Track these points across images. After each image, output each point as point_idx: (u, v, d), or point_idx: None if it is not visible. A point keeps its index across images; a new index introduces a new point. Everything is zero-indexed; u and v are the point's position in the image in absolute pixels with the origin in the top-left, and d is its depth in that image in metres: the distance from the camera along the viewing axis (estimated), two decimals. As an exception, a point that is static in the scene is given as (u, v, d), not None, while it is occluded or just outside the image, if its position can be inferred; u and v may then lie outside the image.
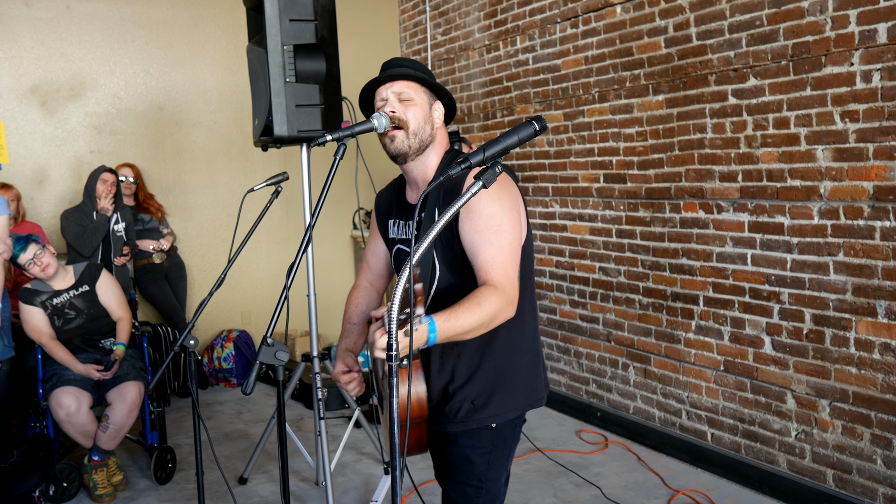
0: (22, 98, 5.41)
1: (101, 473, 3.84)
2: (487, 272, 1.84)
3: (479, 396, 2.00)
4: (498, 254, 1.84)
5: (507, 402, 2.02)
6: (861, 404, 3.28)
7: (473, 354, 2.00)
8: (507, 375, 2.01)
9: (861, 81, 3.17)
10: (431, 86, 2.04)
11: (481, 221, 1.87)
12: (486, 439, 2.02)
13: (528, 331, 2.06)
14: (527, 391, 2.06)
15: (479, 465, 2.03)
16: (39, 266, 3.94)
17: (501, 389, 2.01)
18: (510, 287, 1.83)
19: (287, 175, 3.18)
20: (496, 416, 2.01)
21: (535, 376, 2.09)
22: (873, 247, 3.18)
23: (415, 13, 6.46)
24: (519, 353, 2.03)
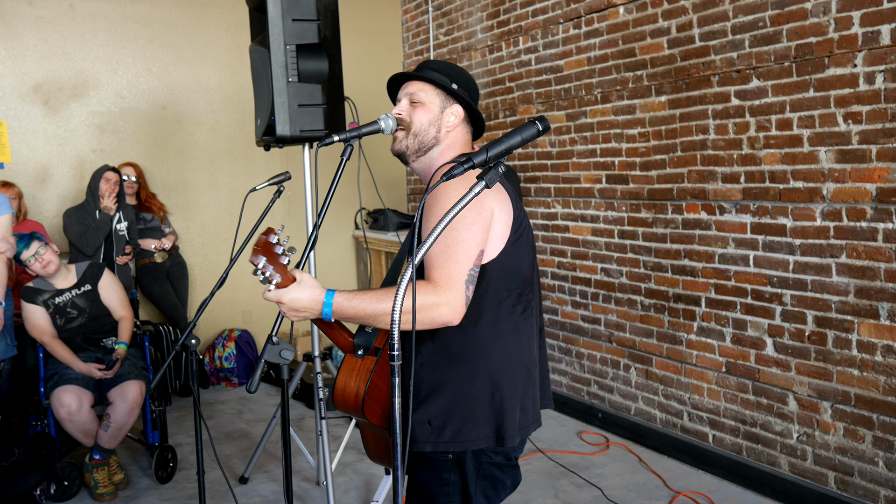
0: (25, 97, 5.41)
1: (102, 472, 3.84)
2: (428, 271, 1.75)
3: (436, 417, 1.85)
4: (441, 254, 1.74)
5: (464, 431, 1.84)
6: (863, 406, 3.27)
7: (434, 368, 1.86)
8: (466, 399, 1.84)
9: (864, 83, 3.17)
10: (448, 89, 2.00)
11: (433, 217, 1.79)
12: (443, 470, 1.87)
13: (495, 355, 1.85)
14: (489, 424, 1.85)
15: (439, 496, 1.89)
16: (41, 263, 3.94)
17: (458, 414, 1.84)
18: (448, 288, 1.71)
19: (289, 175, 3.18)
20: (452, 442, 1.84)
21: (503, 410, 1.85)
22: (876, 249, 3.18)
23: (417, 13, 6.46)
24: (480, 377, 1.84)
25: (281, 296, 1.70)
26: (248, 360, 5.90)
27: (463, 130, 2.04)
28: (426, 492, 1.92)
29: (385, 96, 7.31)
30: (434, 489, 1.90)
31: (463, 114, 2.02)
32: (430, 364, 1.87)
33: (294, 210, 6.30)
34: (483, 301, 1.83)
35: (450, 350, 1.84)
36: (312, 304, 1.71)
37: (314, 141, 3.65)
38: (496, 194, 1.84)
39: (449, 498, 1.89)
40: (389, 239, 5.75)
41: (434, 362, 1.86)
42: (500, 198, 1.85)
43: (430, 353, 1.86)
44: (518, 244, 1.87)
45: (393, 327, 1.48)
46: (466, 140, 2.05)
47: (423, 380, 1.87)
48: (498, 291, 1.85)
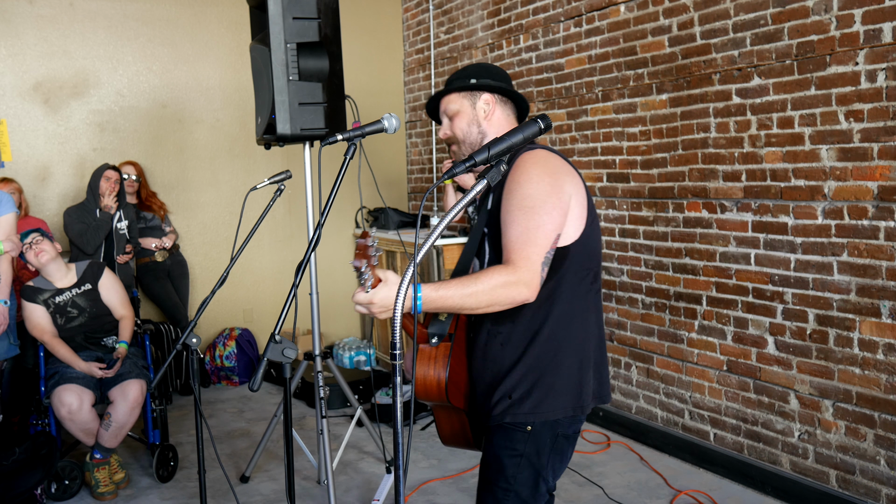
0: (25, 95, 5.41)
1: (103, 471, 3.84)
2: (507, 252, 1.82)
3: (516, 390, 1.95)
4: (522, 235, 1.81)
5: (545, 402, 1.95)
6: (864, 405, 3.27)
7: (516, 346, 1.95)
8: (547, 373, 1.95)
9: (866, 81, 3.16)
10: (469, 87, 2.07)
11: (515, 201, 1.85)
12: (518, 441, 1.97)
13: (575, 329, 1.97)
14: (570, 394, 1.97)
15: (509, 467, 1.98)
16: (34, 251, 3.94)
17: (540, 387, 1.94)
18: (526, 269, 1.78)
19: (290, 173, 3.18)
20: (531, 413, 1.94)
21: (582, 381, 1.98)
22: (877, 247, 3.17)
23: (418, 11, 6.46)
24: (563, 351, 1.95)
25: (372, 297, 1.71)
26: (249, 359, 5.90)
27: (502, 112, 2.10)
28: (496, 461, 2.00)
29: (385, 95, 7.34)
30: (505, 459, 1.98)
31: (493, 98, 2.08)
32: (512, 342, 1.95)
33: (294, 209, 6.29)
34: (565, 280, 1.93)
35: (532, 328, 1.92)
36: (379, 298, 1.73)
37: (315, 139, 3.65)
38: (572, 179, 1.92)
39: (519, 469, 1.97)
40: (390, 237, 5.75)
41: (516, 340, 1.95)
42: (574, 182, 1.93)
43: (511, 332, 1.94)
44: (593, 226, 1.98)
45: (395, 328, 1.48)
46: (510, 119, 2.11)
47: (504, 357, 1.96)
48: (578, 271, 1.95)
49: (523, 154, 1.93)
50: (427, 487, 3.88)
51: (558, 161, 1.94)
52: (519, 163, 1.91)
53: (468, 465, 4.14)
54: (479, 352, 2.02)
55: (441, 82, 6.21)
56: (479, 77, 2.09)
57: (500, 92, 2.08)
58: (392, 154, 6.74)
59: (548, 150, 1.96)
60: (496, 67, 2.15)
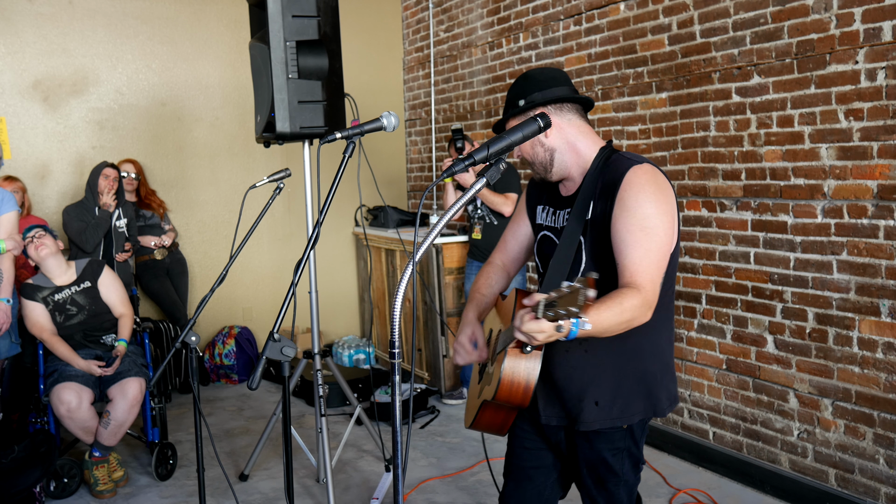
0: (24, 93, 5.40)
1: (102, 469, 3.84)
2: (633, 274, 1.83)
3: (602, 397, 2.00)
4: (646, 257, 1.83)
5: (632, 406, 2.02)
6: (864, 404, 3.27)
7: (601, 353, 1.98)
8: (633, 378, 2.01)
9: (866, 79, 3.16)
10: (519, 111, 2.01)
11: (635, 221, 1.85)
12: (618, 439, 2.05)
13: (659, 339, 2.04)
14: (651, 398, 2.04)
15: (615, 464, 2.07)
16: (35, 245, 3.94)
17: (625, 393, 2.01)
18: (651, 291, 1.82)
19: (289, 171, 3.18)
20: (620, 418, 2.01)
21: (661, 385, 2.05)
22: (877, 246, 3.17)
23: (417, 10, 6.45)
24: (647, 359, 2.02)
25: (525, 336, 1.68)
26: (248, 357, 5.90)
27: (561, 120, 2.01)
28: (602, 462, 2.07)
29: (385, 93, 7.32)
30: (610, 458, 2.06)
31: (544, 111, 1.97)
32: (597, 349, 1.98)
33: (294, 207, 6.29)
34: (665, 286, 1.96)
35: (619, 337, 1.89)
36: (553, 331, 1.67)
37: (314, 138, 3.64)
38: (672, 194, 1.94)
39: (623, 463, 2.07)
40: (389, 236, 5.75)
41: (600, 347, 1.97)
42: (673, 198, 1.95)
43: (597, 340, 1.93)
44: (679, 242, 2.01)
45: (394, 326, 1.48)
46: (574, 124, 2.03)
47: (588, 365, 2.00)
48: (668, 283, 1.99)
49: (634, 168, 1.90)
50: (426, 486, 3.88)
51: (664, 177, 1.94)
52: (632, 178, 1.89)
53: (467, 463, 4.14)
54: (560, 358, 2.02)
55: (441, 80, 6.21)
56: (526, 94, 2.02)
57: (550, 102, 2.01)
58: (391, 152, 6.74)
59: (650, 163, 1.95)
60: (543, 73, 2.06)
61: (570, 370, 2.01)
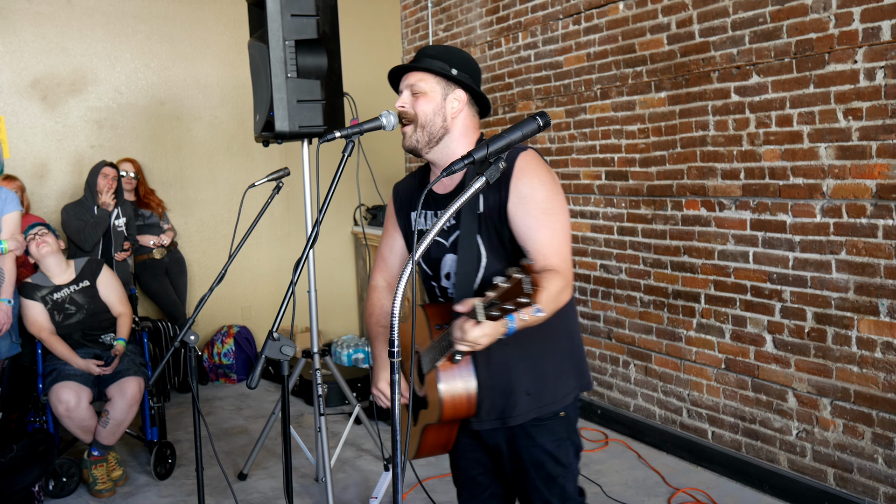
0: (23, 92, 5.40)
1: (100, 468, 3.83)
2: (546, 257, 1.83)
3: (532, 386, 1.99)
4: (554, 238, 1.86)
5: (561, 388, 2.02)
6: (862, 403, 3.27)
7: (521, 343, 1.95)
8: (555, 361, 2.02)
9: (864, 79, 3.16)
10: (448, 76, 1.97)
11: (535, 206, 1.87)
12: (560, 429, 2.04)
13: (570, 315, 2.07)
14: (575, 374, 2.07)
15: (562, 455, 2.06)
16: (37, 243, 3.95)
17: (552, 375, 2.01)
18: (567, 270, 1.85)
19: (288, 171, 3.17)
20: (555, 402, 2.01)
21: (581, 359, 2.10)
22: (876, 245, 3.17)
23: (416, 9, 6.45)
24: (564, 337, 2.05)
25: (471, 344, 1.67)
26: (247, 357, 5.89)
27: (469, 114, 2.04)
28: (548, 455, 2.04)
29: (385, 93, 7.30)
30: (555, 450, 2.04)
31: (466, 98, 2.02)
32: (518, 340, 1.89)
33: (293, 206, 6.29)
34: None
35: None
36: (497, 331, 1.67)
37: (313, 137, 3.64)
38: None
39: (567, 452, 2.06)
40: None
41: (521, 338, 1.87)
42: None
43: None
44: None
45: (393, 326, 1.47)
46: (475, 123, 2.07)
47: (510, 357, 1.97)
48: None
49: (521, 155, 1.92)
50: (425, 485, 3.88)
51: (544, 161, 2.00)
52: (523, 166, 1.90)
53: (466, 462, 4.13)
54: (481, 359, 1.95)
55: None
56: (462, 69, 1.99)
57: (474, 93, 2.02)
58: (390, 151, 6.73)
59: (532, 148, 2.00)
60: (474, 63, 2.06)
61: (495, 367, 1.97)
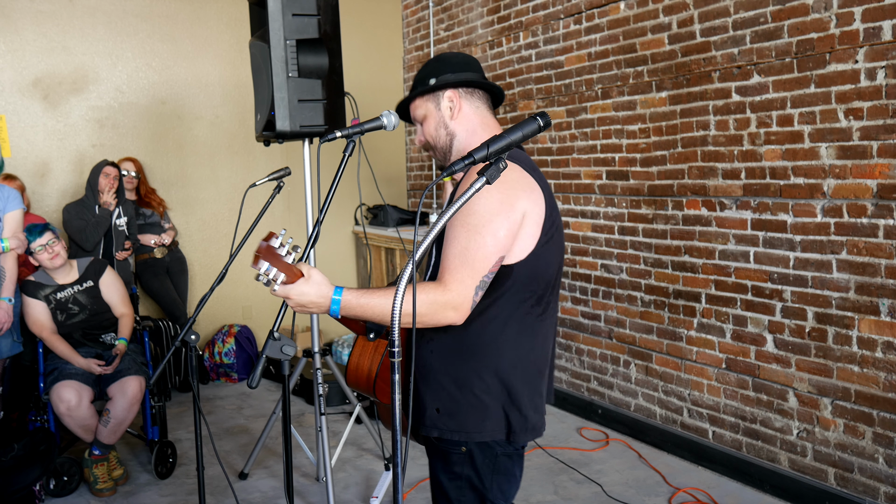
0: (24, 91, 5.40)
1: (101, 468, 3.84)
2: (442, 270, 1.74)
3: (442, 403, 1.86)
4: (460, 255, 1.72)
5: (471, 421, 1.84)
6: (863, 403, 3.27)
7: (443, 357, 1.85)
8: (472, 392, 1.84)
9: (865, 79, 3.16)
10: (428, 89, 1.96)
11: (460, 216, 1.75)
12: (456, 463, 1.87)
13: (505, 353, 1.84)
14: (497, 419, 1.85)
15: (451, 490, 1.89)
16: (49, 254, 3.95)
17: (465, 405, 1.83)
18: (457, 293, 1.70)
19: (289, 170, 3.18)
20: (459, 432, 1.84)
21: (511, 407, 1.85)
22: (876, 245, 3.17)
23: (417, 8, 6.45)
24: (490, 373, 1.83)
25: (288, 291, 1.69)
26: (248, 356, 5.90)
27: (469, 105, 1.98)
28: (437, 485, 1.92)
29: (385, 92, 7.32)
30: (445, 482, 1.90)
31: (455, 94, 1.96)
32: (441, 352, 1.86)
33: (294, 205, 6.29)
34: (502, 300, 1.81)
35: (462, 343, 1.82)
36: (320, 300, 1.71)
37: (314, 136, 3.64)
38: (529, 194, 1.78)
39: (461, 493, 1.88)
40: (389, 235, 5.74)
41: (444, 351, 1.85)
42: (532, 198, 1.79)
43: (443, 341, 1.85)
44: (548, 246, 1.83)
45: (393, 324, 1.48)
46: (481, 117, 1.98)
47: (432, 366, 1.87)
48: (518, 292, 1.82)
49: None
50: (426, 485, 3.88)
51: (515, 174, 1.79)
52: (471, 173, 1.79)
53: (467, 462, 4.14)
54: (415, 357, 1.90)
55: (441, 79, 6.20)
56: (438, 74, 1.96)
57: (462, 85, 1.95)
58: (391, 151, 6.73)
59: (510, 159, 1.80)
60: (457, 56, 2.01)
61: (420, 369, 1.90)
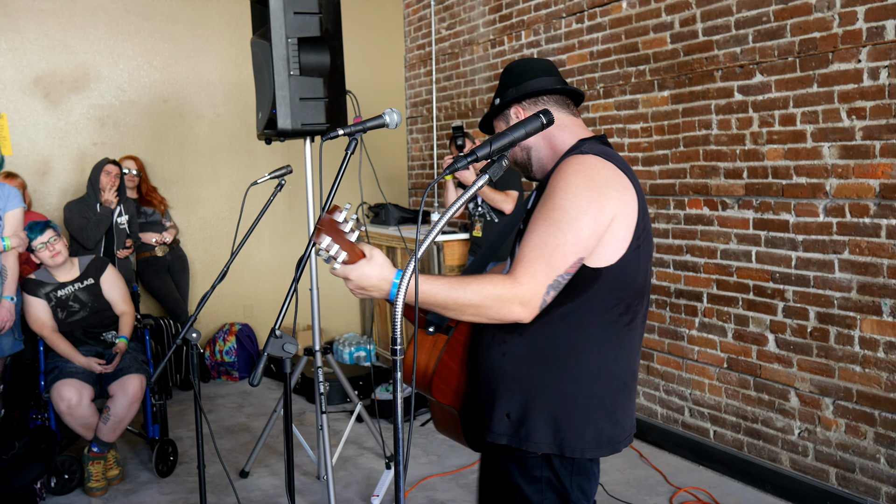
0: (25, 90, 5.40)
1: (97, 466, 3.82)
2: (516, 262, 1.65)
3: (513, 410, 1.75)
4: (536, 248, 1.62)
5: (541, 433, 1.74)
6: (865, 403, 3.27)
7: (518, 362, 1.75)
8: (548, 402, 1.73)
9: (868, 78, 3.15)
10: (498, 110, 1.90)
11: (544, 210, 1.66)
12: (533, 467, 1.77)
13: (587, 362, 1.73)
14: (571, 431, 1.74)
15: (532, 494, 1.78)
16: (50, 252, 3.94)
17: (537, 414, 1.73)
18: (528, 288, 1.60)
19: (290, 168, 3.17)
20: (528, 441, 1.74)
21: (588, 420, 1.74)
22: (879, 245, 3.17)
23: (419, 7, 6.44)
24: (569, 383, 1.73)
25: (348, 272, 1.59)
26: (249, 354, 5.90)
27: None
28: (515, 489, 1.80)
29: (386, 90, 7.31)
30: (524, 486, 1.78)
31: (518, 108, 1.88)
32: (515, 357, 1.75)
33: (295, 204, 6.29)
34: (588, 305, 1.71)
35: (540, 347, 1.73)
36: (381, 283, 1.60)
37: (315, 135, 3.64)
38: (621, 194, 1.68)
39: (543, 495, 1.78)
40: (391, 233, 5.74)
41: (520, 356, 1.75)
42: (625, 198, 1.69)
43: (517, 345, 1.75)
44: (638, 252, 1.72)
45: (395, 324, 1.47)
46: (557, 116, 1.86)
47: (504, 370, 1.77)
48: (606, 299, 1.71)
49: (570, 157, 1.71)
50: (427, 483, 3.88)
51: (609, 171, 1.69)
52: (562, 167, 1.70)
53: (468, 461, 4.13)
54: (481, 357, 1.81)
55: (442, 78, 6.20)
56: (504, 90, 1.89)
57: (525, 97, 1.85)
58: (393, 150, 6.73)
59: (603, 156, 1.71)
60: (519, 65, 1.91)
61: (488, 372, 1.80)
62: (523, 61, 1.94)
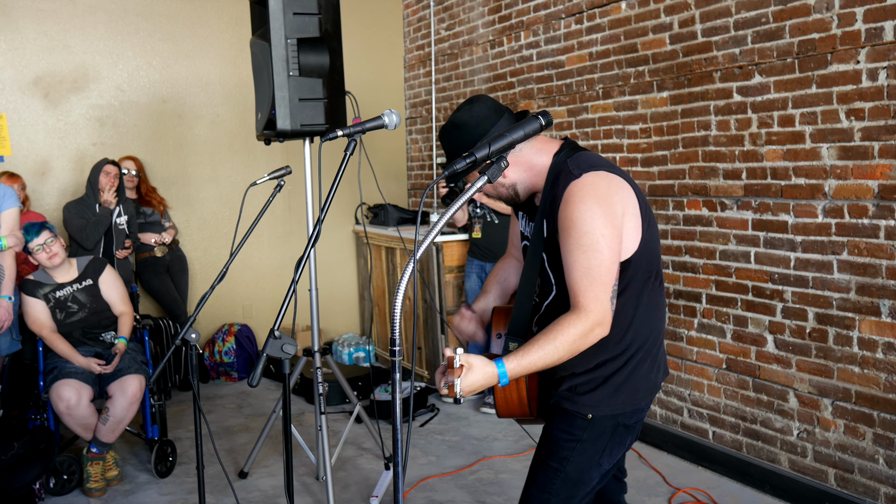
0: (25, 90, 5.40)
1: (96, 466, 3.82)
2: (575, 296, 1.84)
3: (583, 385, 2.01)
4: (585, 277, 1.83)
5: (608, 399, 2.00)
6: (863, 404, 3.27)
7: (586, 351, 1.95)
8: (615, 374, 2.00)
9: (867, 79, 3.16)
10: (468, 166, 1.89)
11: (573, 240, 1.84)
12: (578, 427, 2.02)
13: (642, 331, 2.01)
14: (634, 391, 2.03)
15: (564, 449, 2.03)
16: (47, 254, 3.94)
17: (606, 385, 2.00)
18: (598, 311, 1.82)
19: (290, 169, 3.17)
20: (591, 406, 2.00)
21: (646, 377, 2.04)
22: (877, 246, 3.17)
23: (418, 8, 6.44)
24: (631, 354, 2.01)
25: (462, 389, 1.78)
26: (248, 355, 5.90)
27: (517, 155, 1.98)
28: (552, 441, 2.05)
29: (386, 91, 7.31)
30: (561, 442, 2.03)
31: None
32: None
33: (294, 205, 6.29)
34: (630, 286, 1.95)
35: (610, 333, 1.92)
36: (489, 380, 1.81)
37: (315, 135, 3.64)
38: (620, 191, 1.89)
39: (573, 453, 2.01)
40: (390, 234, 5.74)
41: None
42: (624, 194, 1.90)
43: None
44: (651, 229, 1.97)
45: (394, 324, 1.47)
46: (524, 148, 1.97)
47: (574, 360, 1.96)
48: (642, 276, 1.97)
49: (572, 184, 1.86)
50: (426, 484, 3.88)
51: (603, 180, 1.88)
52: (569, 196, 1.85)
53: (466, 461, 4.14)
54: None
55: (442, 78, 6.20)
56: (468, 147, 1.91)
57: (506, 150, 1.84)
58: (392, 150, 6.73)
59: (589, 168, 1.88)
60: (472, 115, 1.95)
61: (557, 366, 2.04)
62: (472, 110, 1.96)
